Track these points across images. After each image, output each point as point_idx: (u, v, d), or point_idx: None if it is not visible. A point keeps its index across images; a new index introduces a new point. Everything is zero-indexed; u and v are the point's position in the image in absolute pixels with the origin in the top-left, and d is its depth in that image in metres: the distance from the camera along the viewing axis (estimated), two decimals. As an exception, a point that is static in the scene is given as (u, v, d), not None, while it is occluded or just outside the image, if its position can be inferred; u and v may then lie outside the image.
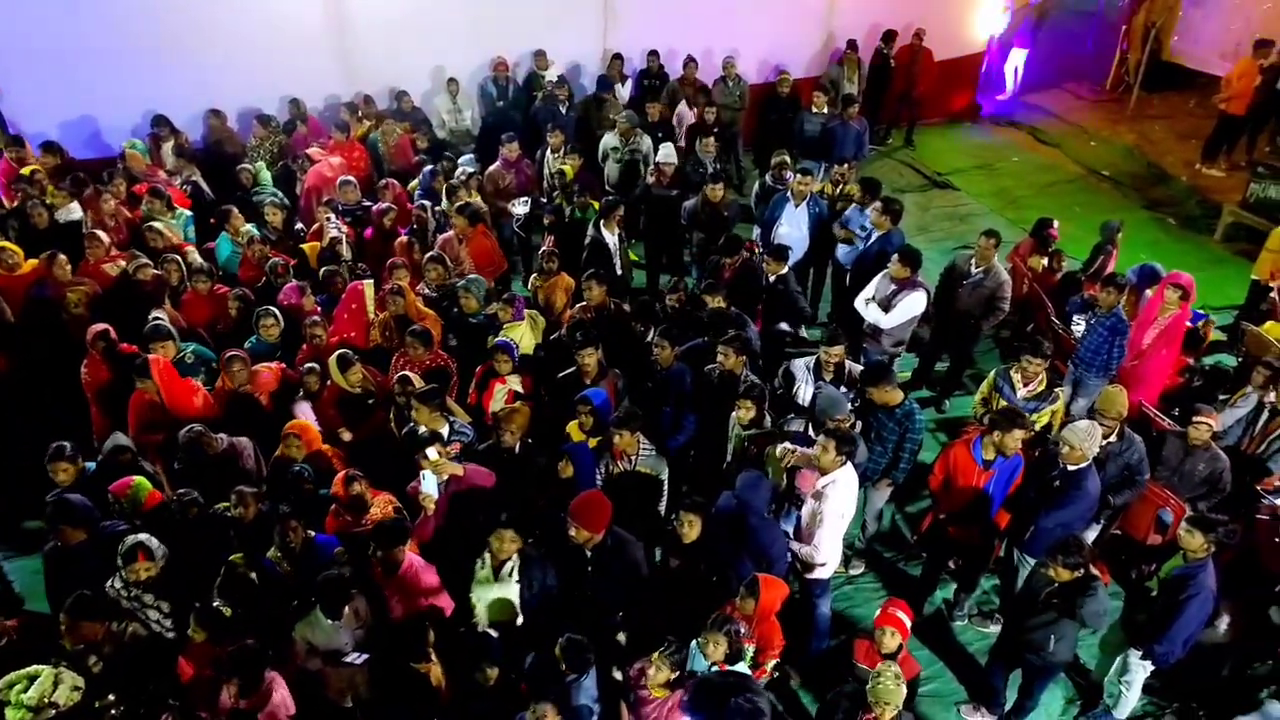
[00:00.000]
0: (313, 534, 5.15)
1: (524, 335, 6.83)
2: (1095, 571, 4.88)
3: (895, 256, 7.09)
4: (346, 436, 6.11)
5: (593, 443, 5.82)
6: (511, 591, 4.92)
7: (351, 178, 8.74)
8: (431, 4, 10.48)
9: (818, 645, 5.79)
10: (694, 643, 4.69)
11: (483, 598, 4.94)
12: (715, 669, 4.51)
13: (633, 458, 5.64)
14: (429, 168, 9.20)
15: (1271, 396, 6.37)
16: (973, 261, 7.48)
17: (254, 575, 4.94)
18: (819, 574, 5.51)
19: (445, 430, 5.64)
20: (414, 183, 9.23)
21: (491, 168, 9.18)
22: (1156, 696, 5.82)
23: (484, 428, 6.10)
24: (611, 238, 8.02)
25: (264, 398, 6.26)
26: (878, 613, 5.00)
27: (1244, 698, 5.33)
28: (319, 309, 7.12)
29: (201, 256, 7.85)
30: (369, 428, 6.21)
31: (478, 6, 10.72)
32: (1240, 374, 7.15)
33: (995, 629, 6.11)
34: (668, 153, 8.80)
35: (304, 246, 8.07)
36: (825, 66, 12.40)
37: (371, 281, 7.19)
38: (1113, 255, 8.47)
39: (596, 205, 8.48)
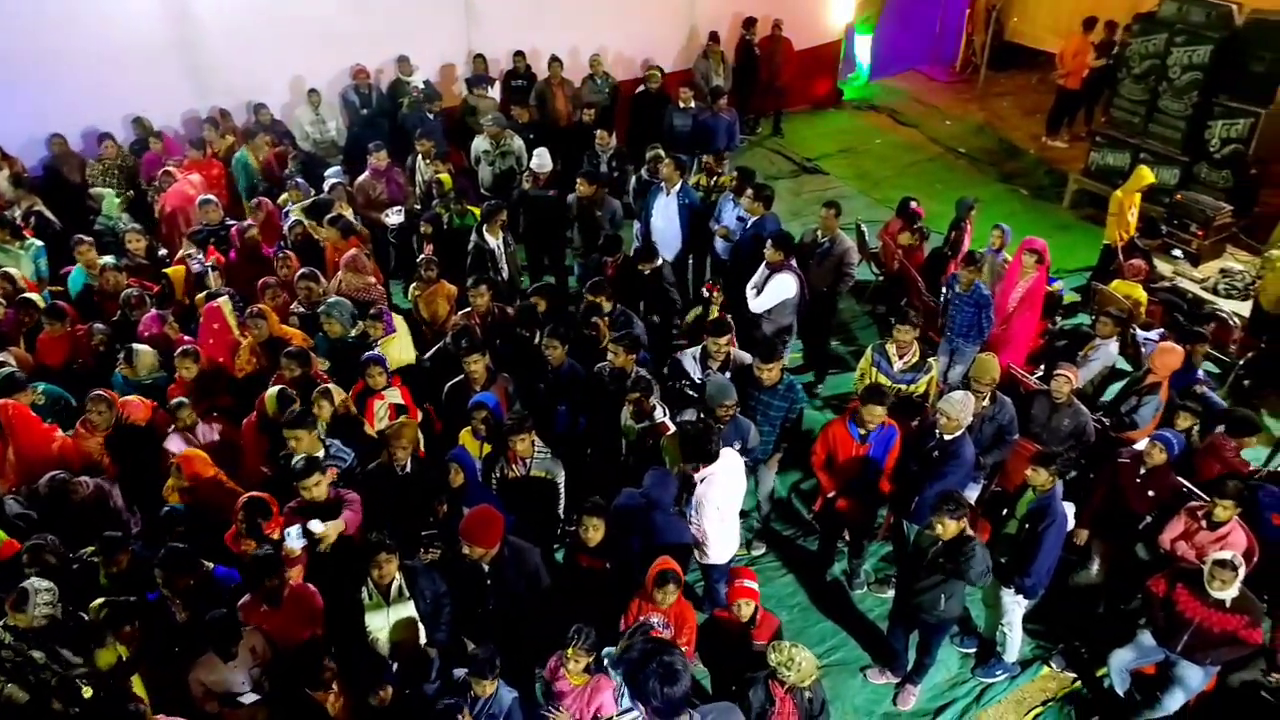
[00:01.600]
0: (212, 567, 4.89)
1: (402, 346, 6.67)
2: (971, 532, 5.12)
3: (769, 241, 7.26)
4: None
5: (486, 448, 5.75)
6: (409, 610, 4.80)
7: (213, 196, 8.35)
8: (285, 13, 10.11)
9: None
10: (606, 659, 4.70)
11: (379, 624, 4.79)
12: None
13: (528, 461, 5.61)
14: (298, 180, 8.89)
15: (1113, 346, 6.79)
16: (818, 233, 7.78)
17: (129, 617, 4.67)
18: (712, 559, 5.61)
19: (321, 454, 5.45)
20: (284, 196, 8.89)
21: (361, 178, 8.94)
22: (1043, 640, 6.18)
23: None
24: (495, 242, 7.93)
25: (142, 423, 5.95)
26: (726, 590, 5.09)
27: (1119, 632, 5.69)
28: (185, 338, 6.78)
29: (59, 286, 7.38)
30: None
31: (334, 14, 10.40)
32: (1094, 329, 7.63)
33: (892, 593, 6.35)
34: (542, 160, 8.75)
35: (167, 271, 7.64)
36: (692, 60, 12.57)
37: (227, 299, 6.85)
38: (967, 230, 8.91)
39: (476, 211, 8.37)
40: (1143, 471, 5.79)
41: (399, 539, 4.90)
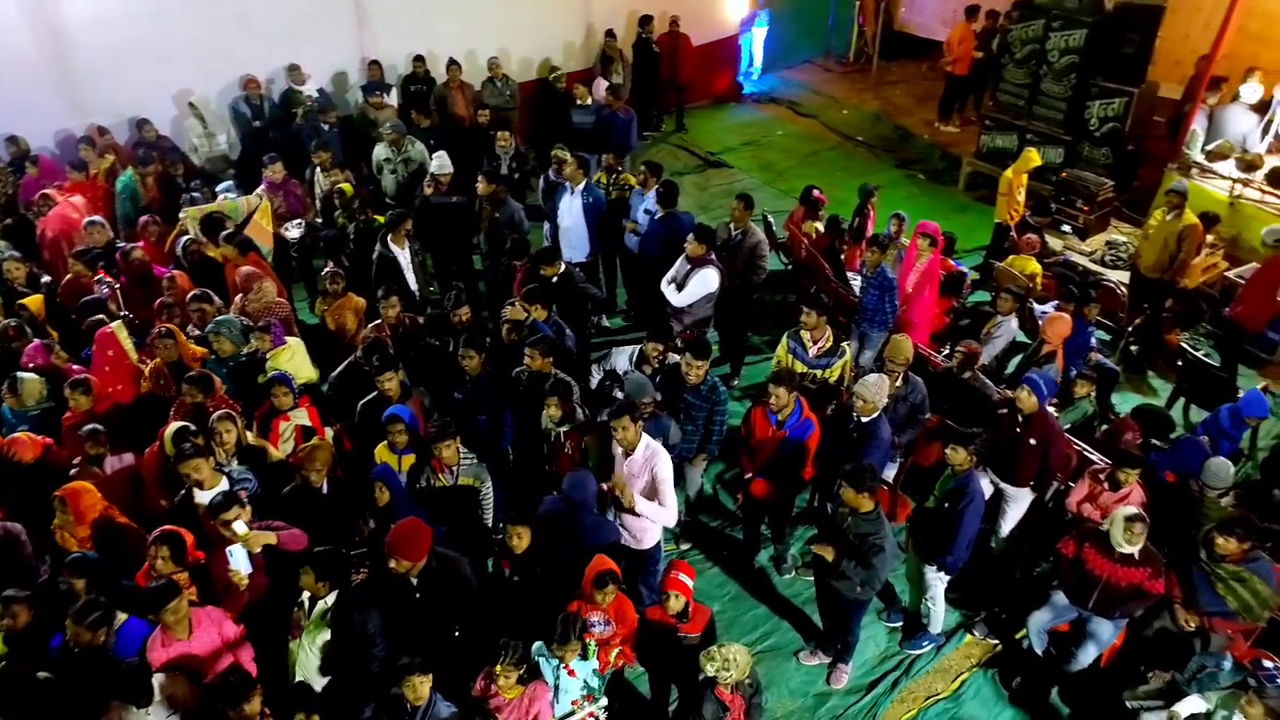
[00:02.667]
0: (123, 618, 4.61)
1: (297, 362, 6.49)
2: (878, 511, 5.25)
3: (691, 235, 7.29)
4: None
5: (409, 460, 5.65)
6: (324, 635, 4.68)
7: (99, 218, 7.97)
8: (164, 23, 9.70)
9: (654, 600, 5.87)
10: (538, 656, 4.66)
11: (303, 645, 4.65)
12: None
13: (454, 469, 5.53)
14: (194, 195, 8.55)
15: (1014, 322, 7.08)
16: (730, 226, 7.87)
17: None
18: (646, 545, 5.64)
19: (224, 484, 5.23)
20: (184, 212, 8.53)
21: (256, 192, 8.63)
22: (965, 609, 6.39)
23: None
24: (402, 252, 7.77)
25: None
26: (662, 580, 5.11)
27: (1035, 595, 5.92)
28: (74, 367, 6.44)
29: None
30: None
31: (219, 23, 10.03)
32: (994, 307, 7.93)
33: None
34: (442, 163, 8.61)
35: (26, 301, 7.11)
36: (591, 58, 12.56)
37: (121, 323, 6.54)
38: (870, 216, 9.14)
39: (381, 220, 8.19)
40: (1020, 419, 6.01)
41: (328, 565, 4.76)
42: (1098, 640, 5.52)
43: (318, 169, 9.00)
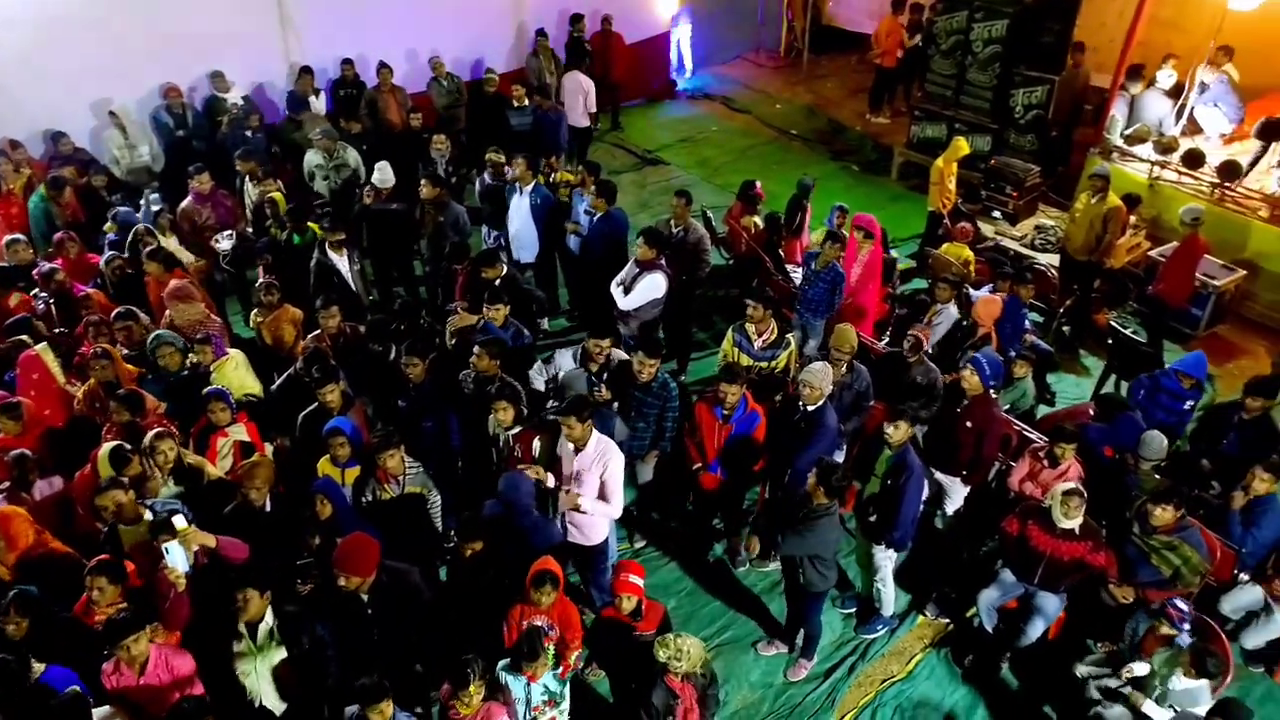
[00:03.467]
0: (40, 669, 4.35)
1: (241, 374, 6.33)
2: (833, 505, 5.31)
3: (640, 239, 7.27)
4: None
5: (353, 473, 5.53)
6: (282, 654, 4.56)
7: (20, 236, 7.66)
8: (79, 31, 9.32)
9: (608, 603, 5.83)
10: (501, 672, 4.63)
11: (255, 671, 4.52)
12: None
13: (399, 479, 5.44)
14: (119, 209, 8.25)
15: (954, 309, 7.23)
16: (671, 223, 7.88)
17: None
18: (595, 541, 5.63)
19: (148, 515, 5.03)
20: (107, 227, 8.25)
21: (184, 204, 8.38)
22: (916, 592, 6.51)
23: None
24: (340, 260, 7.62)
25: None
26: (612, 582, 5.11)
27: (982, 574, 6.05)
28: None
29: None
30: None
31: (137, 30, 9.68)
32: (933, 295, 8.08)
33: (775, 565, 6.53)
34: (385, 175, 8.46)
35: None
36: (523, 58, 12.47)
37: (46, 345, 6.30)
38: (808, 210, 9.25)
39: (316, 228, 8.01)
40: (964, 403, 6.15)
41: (270, 581, 4.64)
42: (1045, 614, 5.67)
43: (246, 178, 8.77)
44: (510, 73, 12.16)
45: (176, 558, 4.63)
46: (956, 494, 6.50)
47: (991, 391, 6.22)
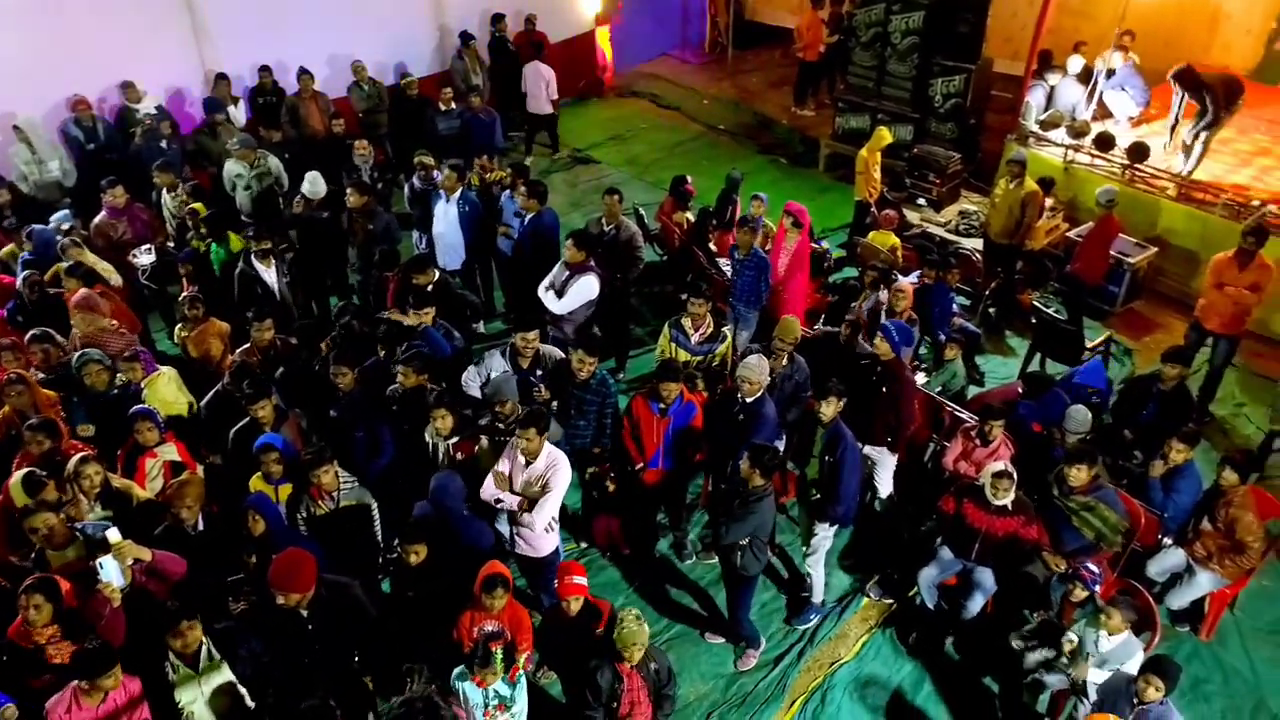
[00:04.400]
0: None
1: (174, 390, 6.15)
2: (770, 487, 5.38)
3: (569, 240, 7.25)
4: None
5: (286, 489, 5.42)
6: (225, 675, 4.44)
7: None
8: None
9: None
10: (457, 681, 4.58)
11: (192, 697, 4.39)
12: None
13: (335, 494, 5.35)
14: (35, 227, 7.93)
15: (884, 295, 7.38)
16: (602, 221, 7.88)
17: None
18: (544, 551, 5.60)
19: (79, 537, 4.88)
20: (7, 248, 7.92)
21: (98, 219, 8.09)
22: (858, 575, 6.63)
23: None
24: (268, 271, 7.45)
25: None
26: (557, 585, 5.11)
27: (922, 553, 6.19)
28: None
29: None
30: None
31: (42, 41, 9.32)
32: (862, 282, 8.23)
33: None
34: (316, 184, 8.28)
35: None
36: (448, 61, 12.33)
37: None
38: (738, 203, 9.34)
39: (236, 239, 7.82)
40: (878, 370, 6.29)
41: (203, 602, 4.51)
42: (983, 589, 5.82)
43: (164, 190, 8.51)
44: (435, 75, 12.02)
45: (111, 572, 4.49)
46: (886, 465, 6.62)
47: (920, 375, 6.37)
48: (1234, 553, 5.65)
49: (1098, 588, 5.26)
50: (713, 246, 9.03)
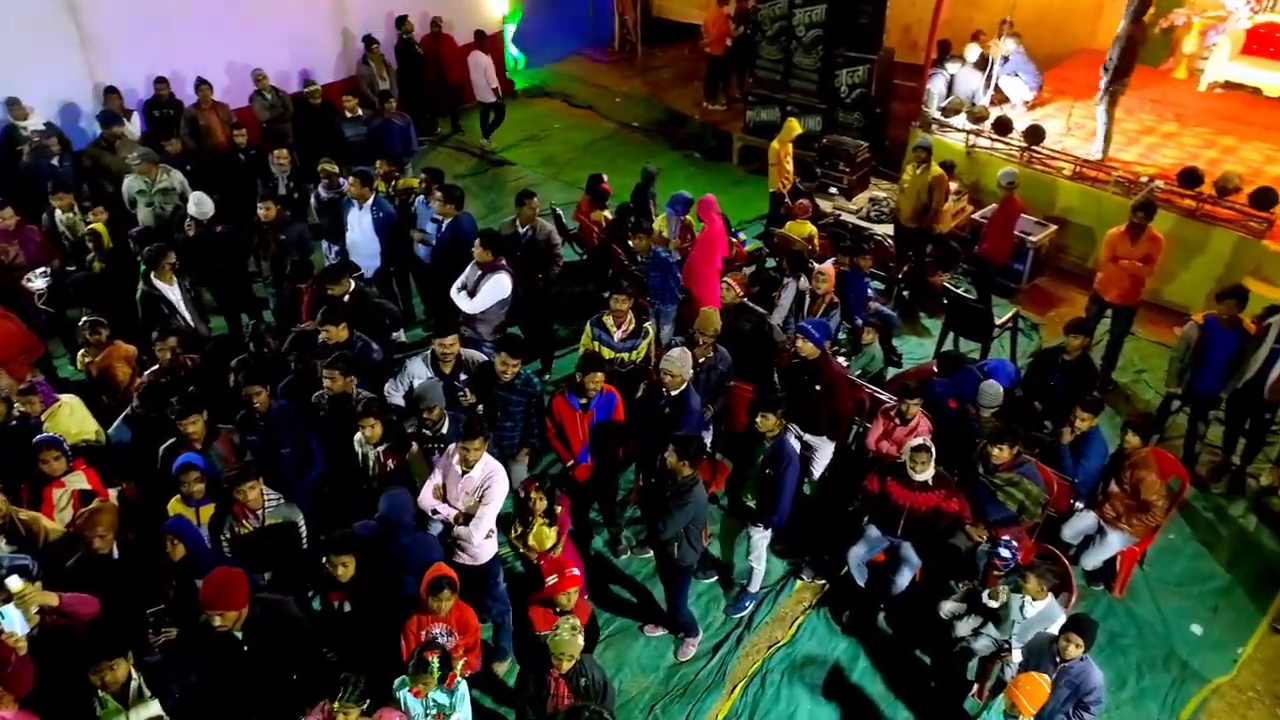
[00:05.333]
0: None
1: (79, 418, 5.91)
2: (699, 477, 5.47)
3: (478, 241, 7.20)
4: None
5: (209, 510, 5.26)
6: (154, 709, 4.29)
7: None
8: None
9: (504, 611, 5.85)
10: (398, 691, 4.52)
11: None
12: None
13: (259, 512, 5.22)
14: None
15: (805, 283, 7.53)
16: (517, 224, 7.86)
17: None
18: (483, 558, 5.57)
19: None
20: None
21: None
22: (791, 558, 6.75)
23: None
24: (170, 288, 7.19)
25: None
26: (554, 581, 5.14)
27: (850, 532, 6.34)
28: None
29: None
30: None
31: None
32: (781, 272, 8.39)
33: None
34: (202, 205, 8.02)
35: None
36: (353, 66, 12.10)
37: None
38: (655, 197, 9.40)
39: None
40: (808, 368, 6.42)
41: (125, 635, 4.35)
42: (910, 563, 6.00)
43: (57, 210, 8.15)
44: (342, 81, 11.78)
45: (14, 621, 4.29)
46: (825, 452, 6.75)
47: (841, 360, 6.51)
48: (1140, 512, 5.94)
49: (1016, 555, 5.47)
50: (632, 244, 9.05)
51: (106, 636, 4.28)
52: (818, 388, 6.34)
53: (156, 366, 6.39)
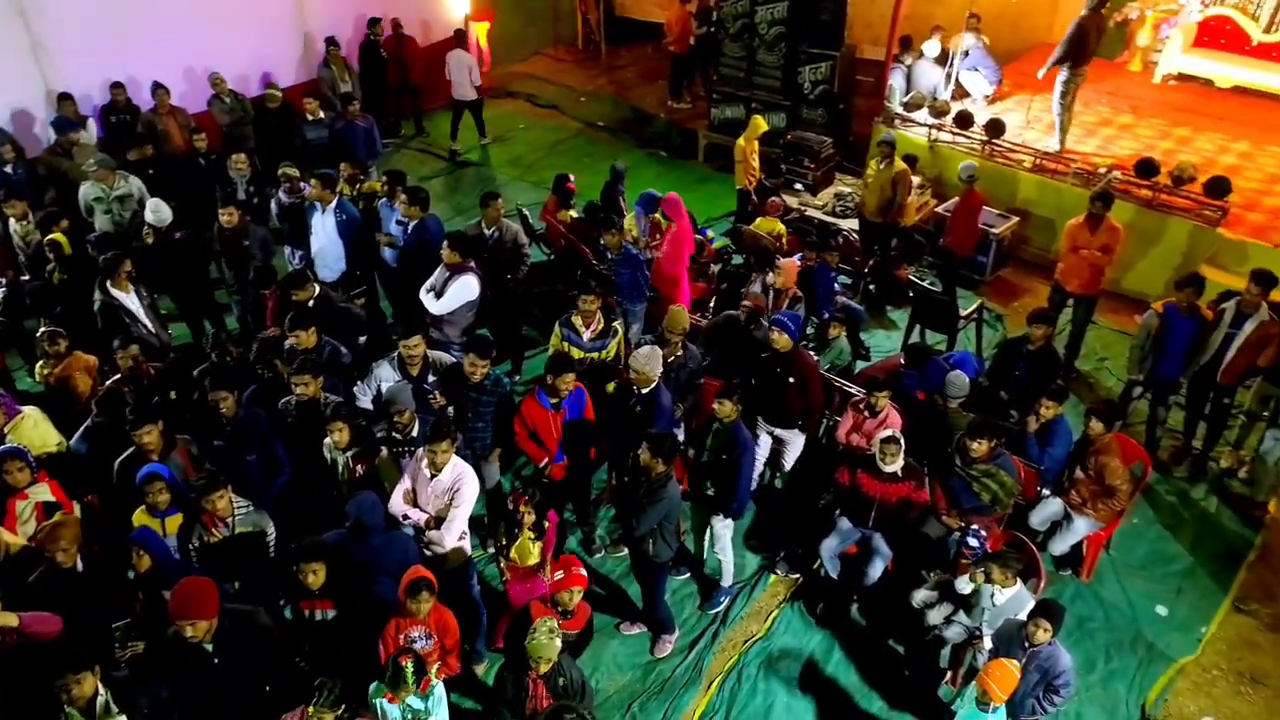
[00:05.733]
0: None
1: (42, 430, 5.80)
2: (672, 473, 5.47)
3: (445, 242, 7.15)
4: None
5: (175, 521, 5.19)
6: (122, 722, 4.24)
7: None
8: None
9: (479, 613, 5.82)
10: (374, 698, 4.49)
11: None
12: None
13: (229, 520, 5.15)
14: None
15: (771, 278, 7.57)
16: (482, 224, 7.82)
17: None
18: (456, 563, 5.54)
19: None
20: None
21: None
22: (765, 553, 6.79)
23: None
24: (127, 296, 7.08)
25: None
26: (560, 577, 5.14)
27: (823, 525, 6.38)
28: None
29: None
30: None
31: None
32: (749, 269, 8.43)
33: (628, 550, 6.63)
34: (160, 212, 7.89)
35: None
36: (313, 69, 11.97)
37: None
38: (625, 194, 9.40)
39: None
40: (781, 361, 6.44)
41: (90, 653, 4.28)
42: (882, 554, 6.05)
43: (10, 219, 7.98)
44: (299, 85, 11.65)
45: None
46: (795, 445, 6.78)
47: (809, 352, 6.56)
48: (1105, 497, 6.05)
49: (985, 543, 5.54)
50: (604, 240, 9.03)
51: (72, 650, 4.20)
52: (790, 380, 6.38)
53: (118, 375, 6.28)
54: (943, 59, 11.32)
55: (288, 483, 5.90)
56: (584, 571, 5.02)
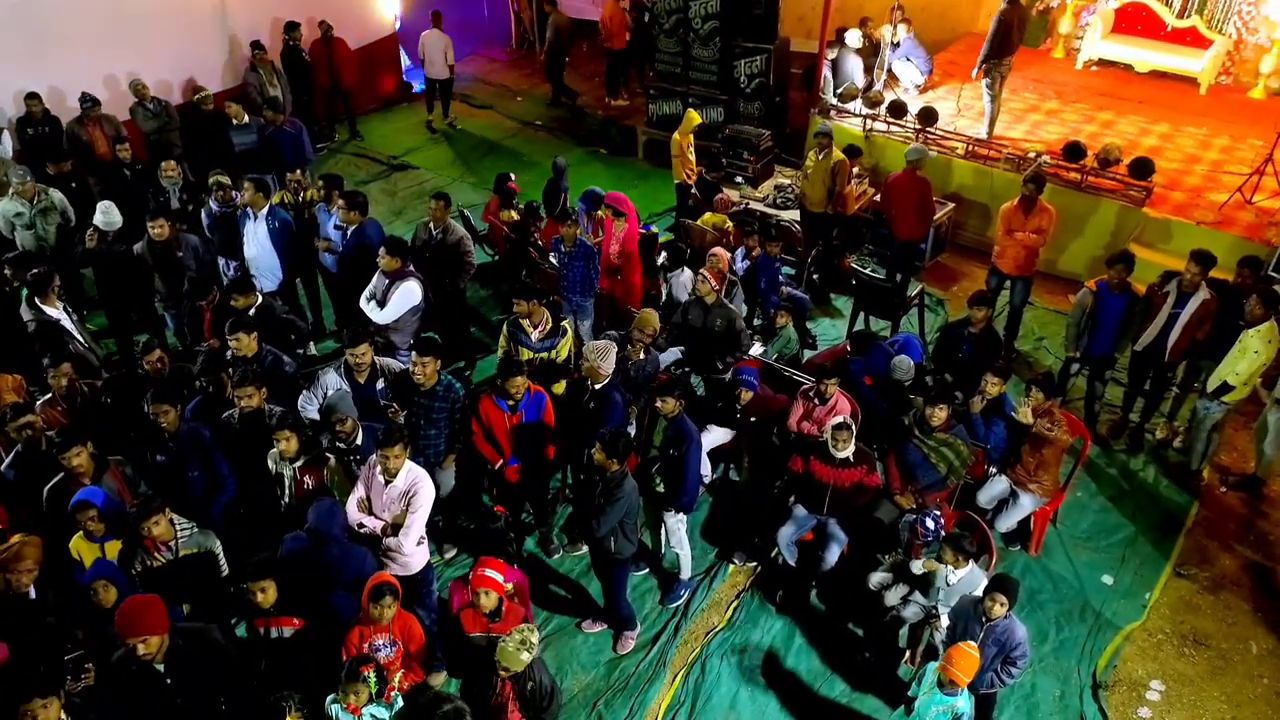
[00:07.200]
0: None
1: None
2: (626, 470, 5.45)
3: (382, 249, 7.03)
4: None
5: (114, 546, 5.01)
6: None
7: None
8: None
9: (434, 620, 5.73)
10: (331, 706, 4.41)
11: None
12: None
13: (172, 543, 5.00)
14: None
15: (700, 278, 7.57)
16: (430, 226, 7.73)
17: None
18: (415, 567, 5.47)
19: None
20: None
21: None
22: (722, 544, 6.82)
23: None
24: (58, 312, 6.82)
25: None
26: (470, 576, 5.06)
27: (777, 513, 6.43)
28: None
29: None
30: None
31: None
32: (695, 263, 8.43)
33: (587, 548, 6.61)
34: (110, 215, 7.62)
35: None
36: (240, 74, 11.67)
37: None
38: (568, 191, 9.36)
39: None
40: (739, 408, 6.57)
41: (49, 679, 4.12)
42: (838, 540, 6.13)
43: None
44: (228, 90, 11.34)
45: None
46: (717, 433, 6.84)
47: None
48: (1044, 453, 6.16)
49: (940, 526, 5.62)
50: (539, 240, 8.98)
51: (36, 674, 4.04)
52: (753, 419, 6.53)
53: (49, 396, 6.05)
54: (872, 50, 11.49)
55: (233, 500, 5.74)
56: (493, 574, 4.85)
